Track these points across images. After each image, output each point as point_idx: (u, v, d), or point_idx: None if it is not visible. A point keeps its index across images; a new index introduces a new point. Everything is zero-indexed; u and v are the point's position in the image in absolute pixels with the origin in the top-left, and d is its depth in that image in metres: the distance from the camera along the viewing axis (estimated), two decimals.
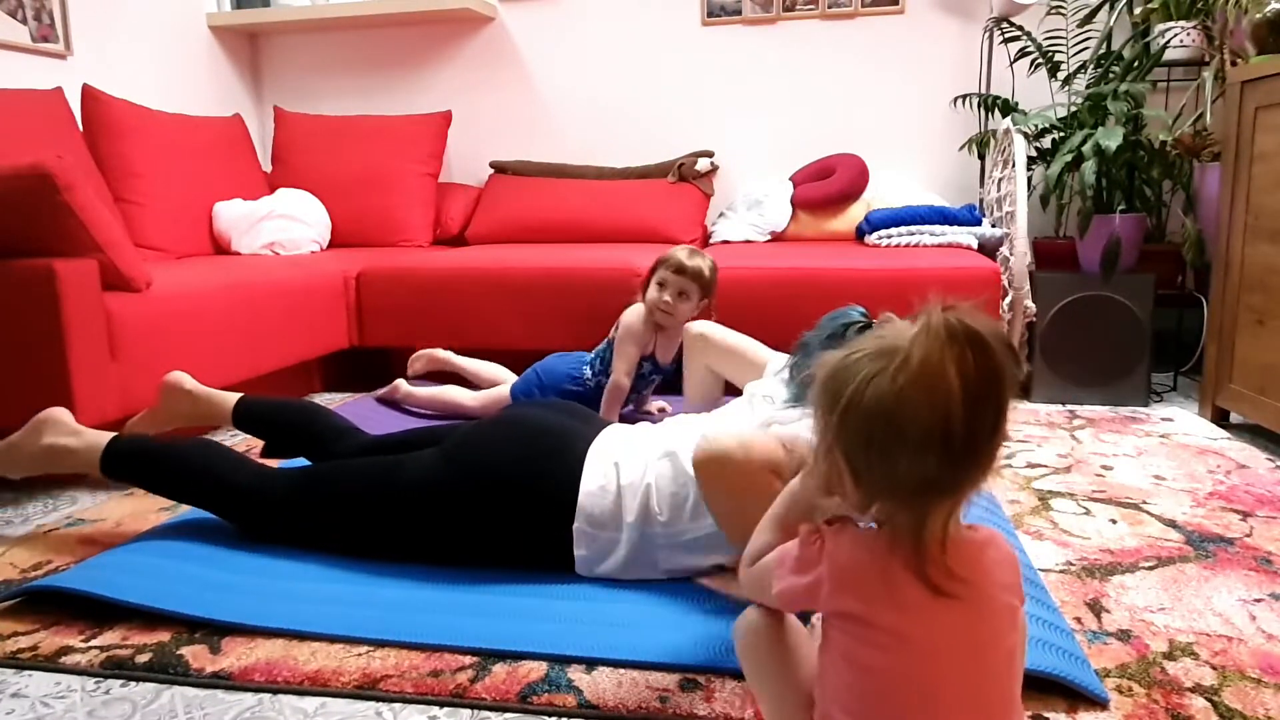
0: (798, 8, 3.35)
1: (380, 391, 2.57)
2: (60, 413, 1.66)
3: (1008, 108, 2.99)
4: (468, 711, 1.08)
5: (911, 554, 0.72)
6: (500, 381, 2.46)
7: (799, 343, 1.56)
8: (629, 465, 1.40)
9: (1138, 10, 2.82)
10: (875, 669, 0.74)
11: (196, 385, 1.86)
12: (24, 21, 2.77)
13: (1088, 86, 2.80)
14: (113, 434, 1.61)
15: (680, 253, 2.24)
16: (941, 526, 0.72)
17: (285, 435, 1.74)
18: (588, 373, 2.29)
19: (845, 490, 0.75)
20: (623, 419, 2.24)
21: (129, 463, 1.57)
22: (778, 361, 1.73)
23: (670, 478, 1.36)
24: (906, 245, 2.84)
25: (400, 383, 2.53)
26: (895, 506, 0.73)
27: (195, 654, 1.20)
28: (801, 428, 1.30)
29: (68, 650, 1.21)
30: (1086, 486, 1.82)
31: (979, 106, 3.08)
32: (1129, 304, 2.49)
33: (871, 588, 0.74)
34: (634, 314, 2.23)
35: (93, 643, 1.23)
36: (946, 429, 0.68)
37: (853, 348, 0.74)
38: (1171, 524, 1.61)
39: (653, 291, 2.22)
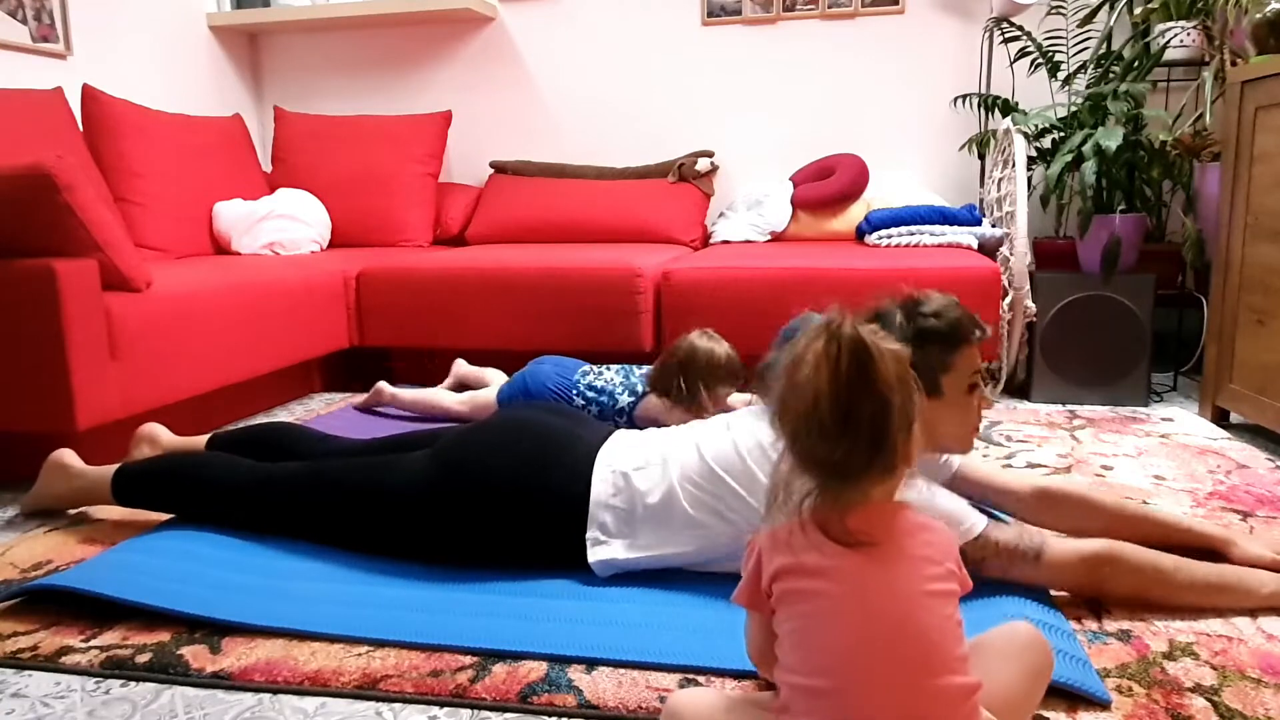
0: (798, 8, 3.35)
1: (362, 399, 2.54)
2: (65, 456, 1.74)
3: (1008, 108, 2.99)
4: (468, 711, 1.08)
5: (819, 518, 0.84)
6: (489, 383, 2.45)
7: (761, 366, 1.48)
8: (645, 472, 1.38)
9: (1138, 10, 2.82)
10: (808, 613, 0.83)
11: (171, 437, 1.90)
12: (24, 21, 2.77)
13: (1088, 86, 2.80)
14: (116, 466, 1.66)
15: (731, 361, 2.06)
16: (844, 502, 0.83)
17: (261, 455, 1.70)
18: (576, 399, 2.18)
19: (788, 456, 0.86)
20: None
21: (137, 486, 1.63)
22: None
23: (697, 481, 1.34)
24: (906, 245, 2.84)
25: (382, 385, 2.49)
26: (810, 475, 0.84)
27: (195, 654, 1.20)
28: None
29: (68, 650, 1.21)
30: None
31: (979, 106, 3.08)
32: (1129, 304, 2.49)
33: (795, 539, 0.85)
34: (670, 413, 2.06)
35: (93, 643, 1.23)
36: (816, 415, 0.81)
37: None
38: None
39: (728, 401, 2.10)
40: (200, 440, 1.84)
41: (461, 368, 2.59)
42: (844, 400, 0.80)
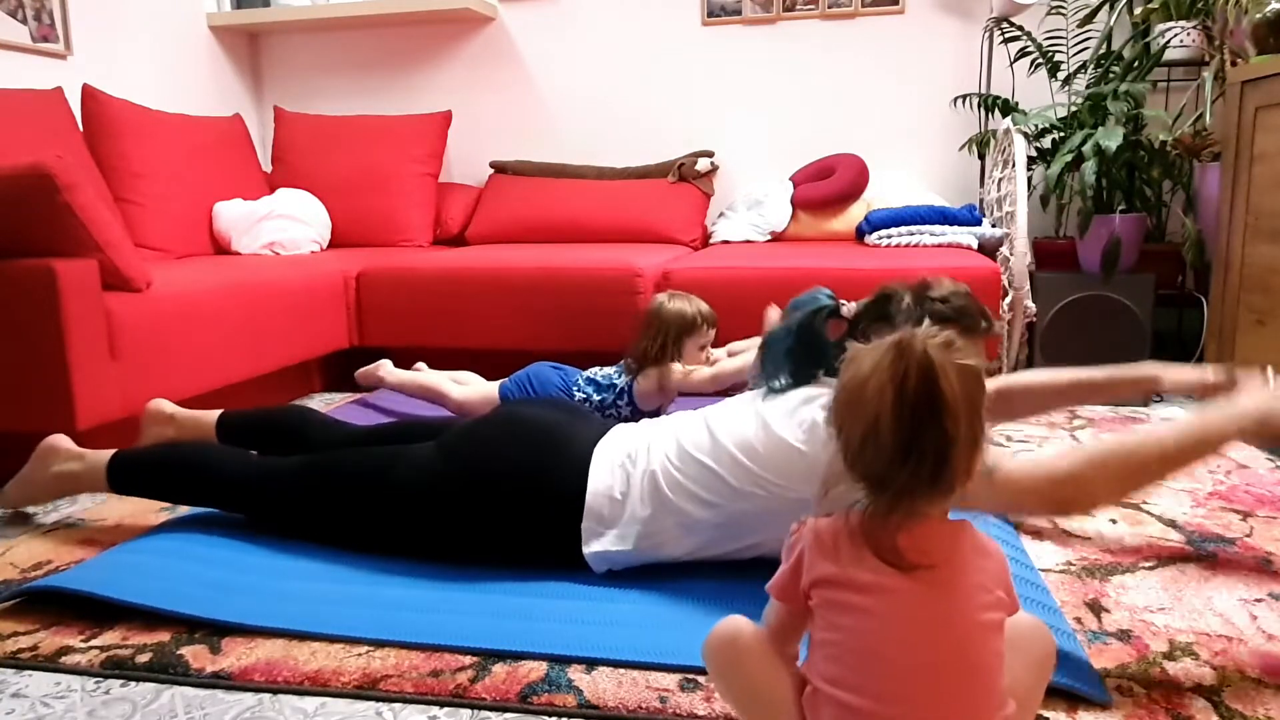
0: (798, 8, 3.35)
1: (364, 369, 2.53)
2: (59, 439, 1.69)
3: (1008, 108, 2.99)
4: (468, 711, 1.08)
5: (868, 532, 0.80)
6: (469, 384, 2.42)
7: (765, 338, 1.44)
8: (638, 462, 1.39)
9: (1138, 10, 2.82)
10: (852, 628, 0.79)
11: (177, 409, 1.89)
12: (24, 21, 2.77)
13: (1088, 86, 2.80)
14: (113, 450, 1.63)
15: (694, 305, 2.17)
16: (898, 517, 0.78)
17: (273, 439, 1.72)
18: (577, 394, 2.21)
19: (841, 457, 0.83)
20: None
21: (134, 474, 1.60)
22: None
23: (675, 464, 1.35)
24: (906, 245, 2.84)
25: (385, 363, 2.49)
26: (864, 487, 0.81)
27: (195, 654, 1.20)
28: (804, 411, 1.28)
29: (68, 650, 1.21)
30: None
31: (979, 106, 3.08)
32: (1129, 304, 2.49)
33: (844, 551, 0.81)
34: (686, 375, 2.15)
35: (93, 643, 1.23)
36: (876, 434, 0.77)
37: (875, 343, 0.81)
38: (1172, 524, 1.61)
39: (699, 358, 2.17)
40: (211, 416, 1.83)
41: (425, 372, 2.53)
42: (907, 427, 0.76)
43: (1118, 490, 1.15)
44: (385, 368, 2.48)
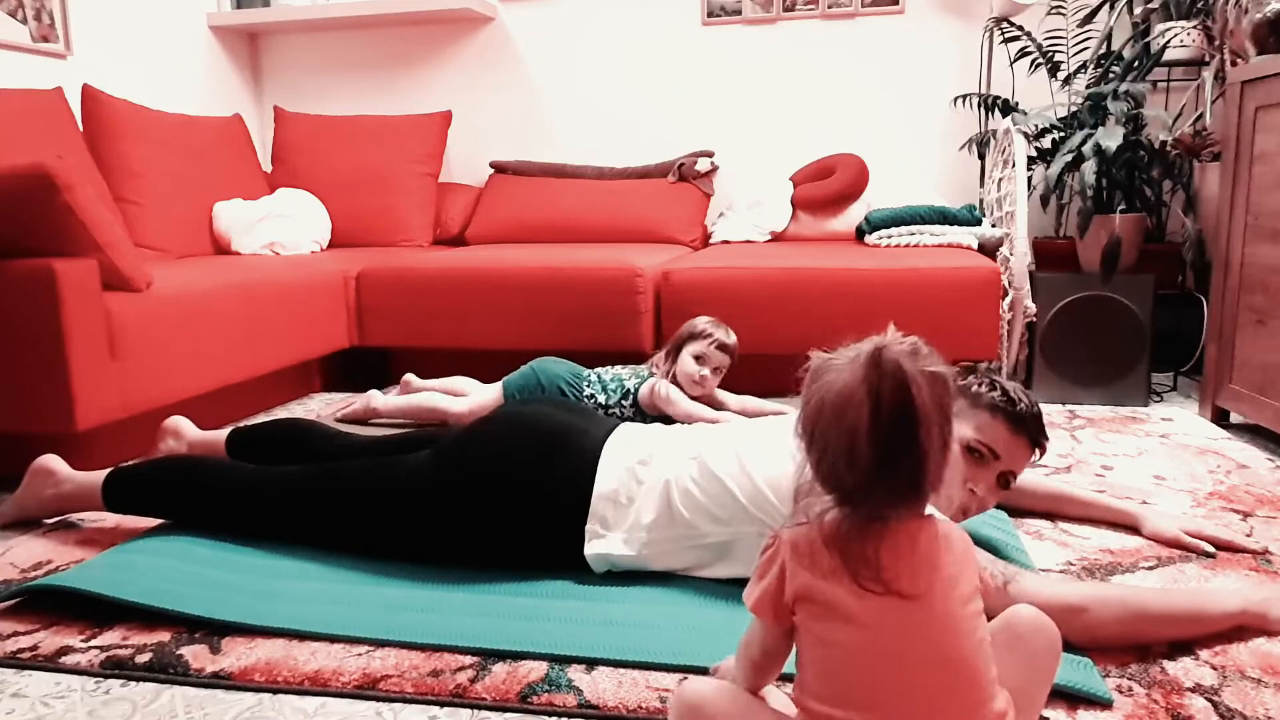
0: (798, 8, 3.35)
1: (346, 410, 2.44)
2: (51, 461, 1.69)
3: (1008, 108, 3.00)
4: (468, 711, 1.08)
5: (843, 550, 0.79)
6: (466, 392, 2.42)
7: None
8: (651, 469, 1.38)
9: (1138, 10, 2.82)
10: (840, 642, 0.78)
11: (193, 431, 1.88)
12: (24, 21, 2.77)
13: (1088, 86, 2.80)
14: (106, 470, 1.63)
15: (716, 329, 2.22)
16: (874, 531, 0.78)
17: (281, 451, 1.71)
18: (586, 389, 2.24)
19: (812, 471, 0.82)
20: None
21: (129, 492, 1.59)
22: None
23: (696, 481, 1.34)
24: (906, 245, 2.84)
25: (374, 394, 2.42)
26: (837, 500, 0.80)
27: (195, 654, 1.20)
28: None
29: (68, 650, 1.21)
30: (1087, 486, 1.81)
31: (979, 106, 3.09)
32: (1129, 304, 2.49)
33: (819, 557, 0.80)
34: (672, 393, 2.18)
35: (93, 643, 1.23)
36: (853, 449, 0.76)
37: (839, 352, 0.81)
38: None
39: (689, 365, 2.20)
40: (221, 435, 1.84)
41: (415, 382, 2.53)
42: (884, 443, 0.76)
43: (1118, 630, 1.18)
44: (375, 399, 2.40)
